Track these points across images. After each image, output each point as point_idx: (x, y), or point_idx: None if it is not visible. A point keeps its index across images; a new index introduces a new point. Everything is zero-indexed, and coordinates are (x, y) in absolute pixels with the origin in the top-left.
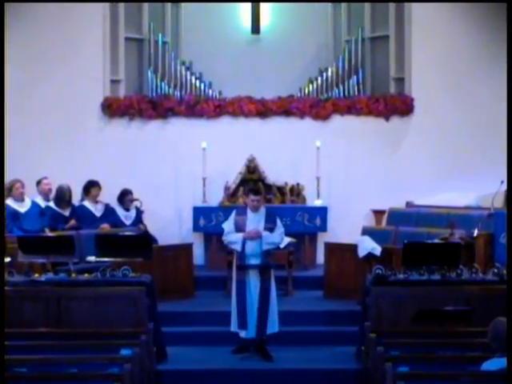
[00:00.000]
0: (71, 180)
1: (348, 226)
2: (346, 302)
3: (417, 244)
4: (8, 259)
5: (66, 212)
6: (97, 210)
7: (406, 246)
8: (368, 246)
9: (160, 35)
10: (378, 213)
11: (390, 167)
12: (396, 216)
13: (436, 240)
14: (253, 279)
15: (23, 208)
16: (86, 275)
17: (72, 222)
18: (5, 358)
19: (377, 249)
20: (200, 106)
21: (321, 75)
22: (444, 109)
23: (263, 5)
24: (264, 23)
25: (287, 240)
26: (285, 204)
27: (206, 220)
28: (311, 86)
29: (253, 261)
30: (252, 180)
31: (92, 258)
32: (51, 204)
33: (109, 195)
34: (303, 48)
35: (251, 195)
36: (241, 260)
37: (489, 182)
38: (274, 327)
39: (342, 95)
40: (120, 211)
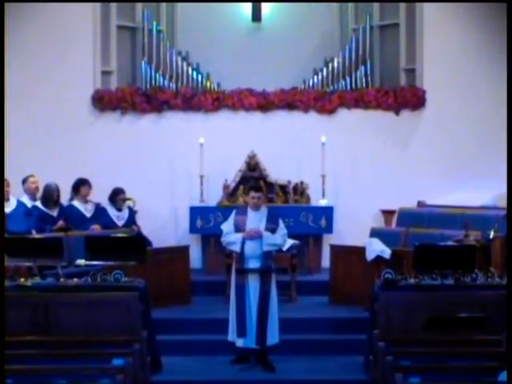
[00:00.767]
0: (59, 178)
1: (355, 228)
2: (353, 309)
3: (429, 246)
4: None
5: (54, 212)
6: (87, 210)
7: (418, 249)
8: (377, 249)
9: (154, 23)
10: (388, 213)
11: (401, 164)
12: (407, 216)
13: (449, 242)
14: (252, 284)
15: (8, 208)
16: (76, 280)
17: (60, 223)
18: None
19: (386, 251)
20: (197, 99)
21: (326, 66)
22: (458, 102)
23: None
24: (265, 10)
25: (290, 242)
26: (288, 204)
27: (204, 221)
28: (316, 78)
29: (252, 264)
30: (253, 178)
31: (82, 262)
32: (38, 204)
33: (100, 194)
34: (307, 37)
35: (252, 192)
36: (240, 263)
37: (506, 181)
38: (274, 338)
39: (349, 87)
40: (112, 211)
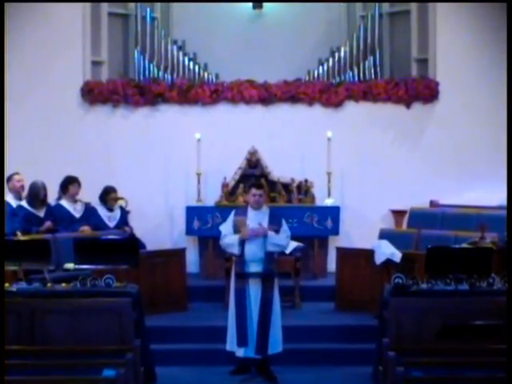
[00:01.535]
0: (46, 176)
1: (363, 229)
2: (361, 316)
3: (442, 249)
4: None
5: (41, 212)
6: (76, 211)
7: (430, 252)
8: (386, 252)
9: (148, 10)
10: (398, 213)
11: (412, 161)
12: (418, 217)
13: (464, 244)
14: (253, 289)
15: None
16: (64, 285)
17: (47, 224)
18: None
19: (396, 255)
20: (194, 92)
21: (332, 56)
22: (474, 94)
23: None
24: None
25: (294, 245)
26: (291, 203)
27: (201, 222)
28: (321, 69)
29: (254, 267)
30: (253, 176)
31: (70, 266)
32: (23, 203)
33: (89, 193)
34: (312, 25)
35: (253, 189)
36: (240, 266)
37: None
38: (277, 347)
39: (357, 79)
40: (102, 211)
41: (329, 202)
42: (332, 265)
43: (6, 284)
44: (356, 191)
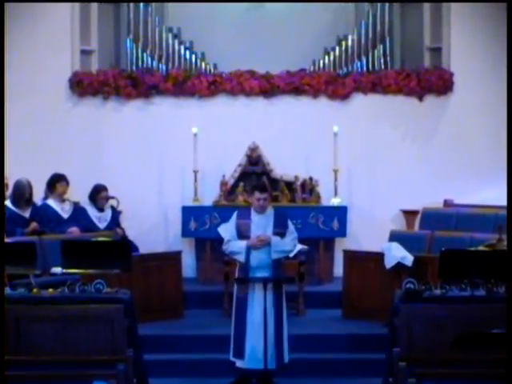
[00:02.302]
0: (32, 174)
1: (372, 230)
2: (370, 324)
3: (457, 252)
4: None
5: (26, 213)
6: (63, 211)
7: (444, 255)
8: (397, 255)
9: None
10: (410, 214)
11: (425, 158)
12: (431, 218)
13: (480, 247)
14: (257, 296)
15: None
16: (51, 291)
17: (33, 225)
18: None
19: (408, 258)
20: (191, 83)
21: (339, 45)
22: (490, 86)
23: None
24: None
25: (298, 247)
26: (295, 203)
27: (198, 223)
28: (327, 59)
29: (259, 274)
30: (254, 174)
31: (58, 270)
32: (7, 203)
33: (78, 192)
34: (317, 12)
35: (256, 192)
36: (244, 273)
37: None
38: (284, 358)
39: (365, 69)
40: (92, 212)
41: (335, 202)
42: (339, 269)
43: None
44: (364, 190)
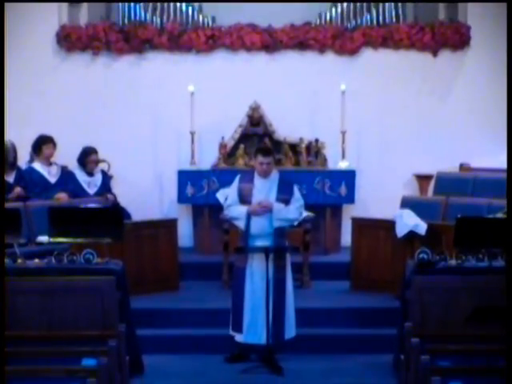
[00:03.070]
0: (16, 135)
1: (383, 197)
2: (380, 297)
3: (474, 220)
4: None
5: (10, 177)
6: (50, 175)
7: (460, 223)
8: (409, 223)
9: None
10: (423, 179)
11: (439, 118)
12: (446, 183)
13: (499, 214)
14: (258, 267)
15: None
16: (37, 261)
17: (18, 191)
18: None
19: (421, 226)
20: (187, 37)
21: None
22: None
23: None
24: None
25: (303, 215)
26: (299, 167)
27: (195, 188)
28: (334, 11)
29: (261, 242)
30: (256, 135)
31: (44, 239)
32: None
33: (66, 155)
34: None
35: (260, 156)
36: (244, 241)
37: None
38: (291, 331)
39: (376, 23)
40: (81, 176)
41: (343, 166)
42: (346, 238)
43: None
44: (374, 153)
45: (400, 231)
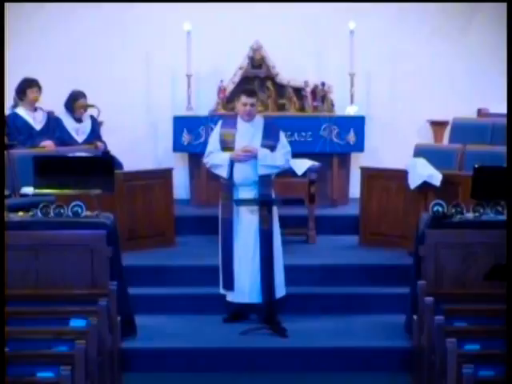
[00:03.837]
0: None
1: (394, 144)
2: (391, 253)
3: (492, 169)
4: None
5: None
6: (36, 121)
7: (478, 173)
8: (423, 173)
9: None
10: (438, 125)
11: (456, 60)
12: (463, 130)
13: None
14: (245, 219)
15: None
16: (21, 214)
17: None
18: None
19: (435, 176)
20: None
21: None
22: None
23: None
24: None
25: (308, 164)
26: (304, 112)
27: (192, 135)
28: None
29: (245, 193)
30: (257, 78)
31: (29, 190)
32: None
33: (52, 100)
34: None
35: (243, 96)
36: (228, 192)
37: None
38: (280, 291)
39: None
40: (69, 122)
41: (351, 111)
42: (355, 189)
43: None
44: (385, 97)
45: (413, 182)
